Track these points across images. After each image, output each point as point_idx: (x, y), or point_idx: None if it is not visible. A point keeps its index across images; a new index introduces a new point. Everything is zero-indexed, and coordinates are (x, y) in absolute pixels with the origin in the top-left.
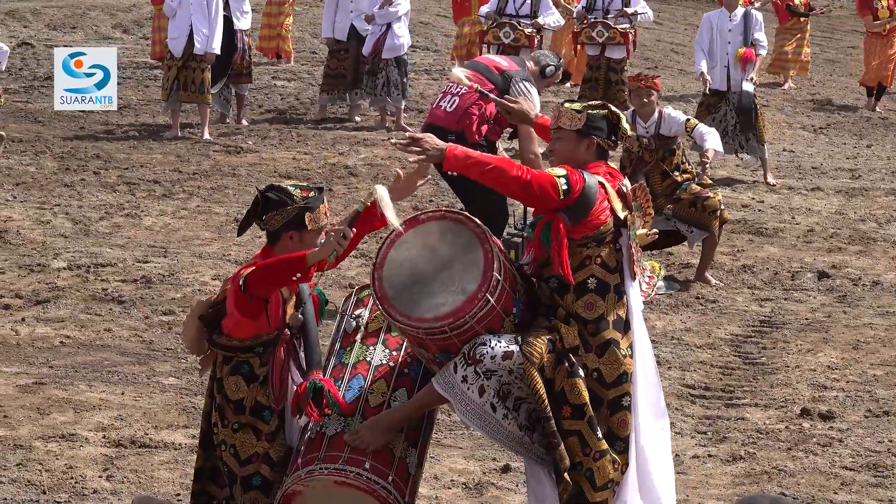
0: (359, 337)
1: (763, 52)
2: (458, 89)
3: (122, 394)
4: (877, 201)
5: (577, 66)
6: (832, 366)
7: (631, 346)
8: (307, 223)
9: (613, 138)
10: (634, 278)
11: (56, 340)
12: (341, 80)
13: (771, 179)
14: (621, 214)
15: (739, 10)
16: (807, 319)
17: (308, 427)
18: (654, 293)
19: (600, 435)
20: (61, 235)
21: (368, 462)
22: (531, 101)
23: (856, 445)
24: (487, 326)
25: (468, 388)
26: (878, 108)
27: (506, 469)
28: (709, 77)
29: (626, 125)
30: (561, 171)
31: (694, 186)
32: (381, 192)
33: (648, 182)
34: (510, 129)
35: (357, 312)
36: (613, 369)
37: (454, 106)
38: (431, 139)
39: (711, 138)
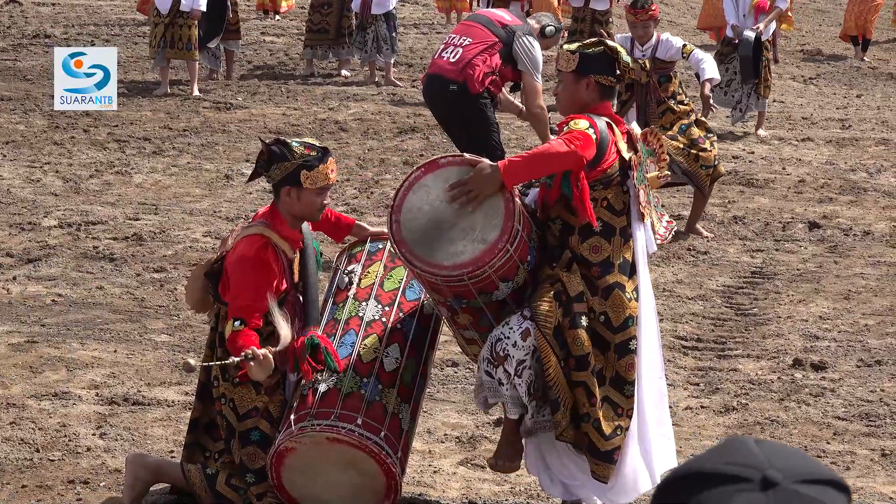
0: (351, 293)
1: (783, 6)
2: (461, 40)
3: (115, 351)
4: (867, 151)
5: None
6: (824, 316)
7: (636, 290)
8: (303, 181)
9: (616, 74)
10: (642, 221)
11: (48, 299)
12: (324, 35)
13: (762, 132)
14: (626, 156)
15: None
16: (798, 270)
17: (301, 383)
18: (670, 236)
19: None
20: (52, 193)
21: (361, 418)
22: (534, 56)
23: (848, 395)
24: (503, 275)
25: (505, 389)
26: (867, 58)
27: (499, 422)
28: (729, 29)
29: (625, 58)
30: (583, 122)
31: (694, 130)
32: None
33: (644, 111)
34: (512, 83)
35: (350, 268)
36: (619, 313)
37: (457, 56)
38: (478, 177)
39: (709, 66)
